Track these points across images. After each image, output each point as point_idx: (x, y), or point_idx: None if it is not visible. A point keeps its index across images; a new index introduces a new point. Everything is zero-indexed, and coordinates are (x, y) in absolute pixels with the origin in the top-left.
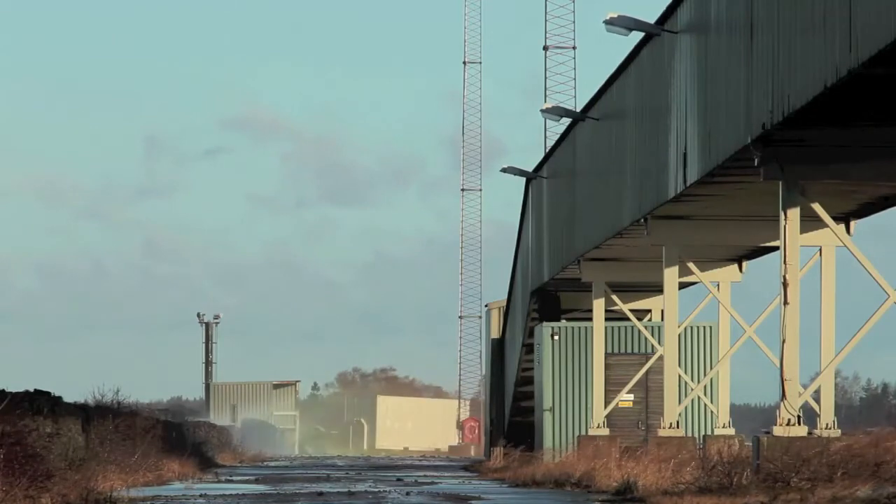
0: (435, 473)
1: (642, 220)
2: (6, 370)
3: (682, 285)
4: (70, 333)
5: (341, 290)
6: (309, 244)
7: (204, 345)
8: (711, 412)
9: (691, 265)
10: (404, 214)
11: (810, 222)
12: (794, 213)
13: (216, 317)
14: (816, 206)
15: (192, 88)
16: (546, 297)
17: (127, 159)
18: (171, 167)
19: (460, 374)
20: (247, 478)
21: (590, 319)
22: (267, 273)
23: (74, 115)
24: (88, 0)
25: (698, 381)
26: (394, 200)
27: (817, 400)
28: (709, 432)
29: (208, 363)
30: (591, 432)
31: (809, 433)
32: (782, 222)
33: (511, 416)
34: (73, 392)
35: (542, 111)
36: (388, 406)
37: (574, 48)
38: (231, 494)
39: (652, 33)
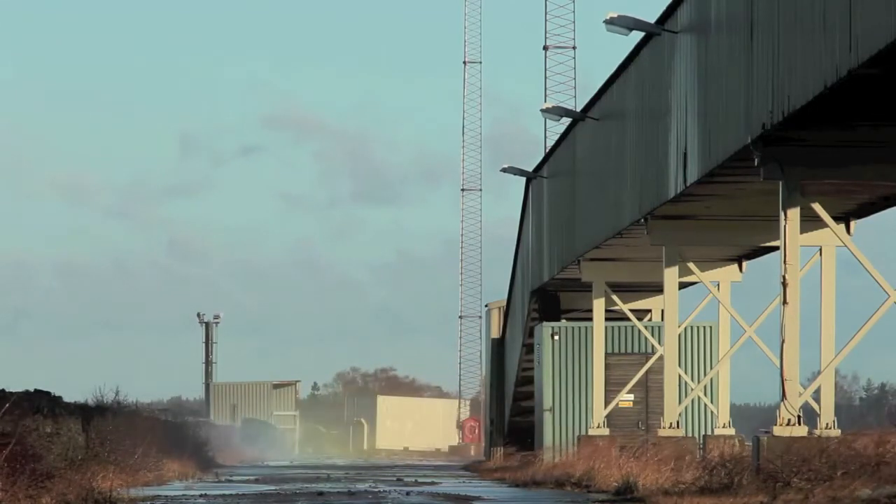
0: (435, 473)
1: (642, 220)
2: (10, 369)
3: (682, 285)
4: (77, 334)
5: (356, 290)
6: (334, 243)
7: (204, 345)
8: (711, 412)
9: (691, 265)
10: (430, 214)
11: (810, 222)
12: (794, 213)
13: (216, 317)
14: (816, 206)
15: (227, 87)
16: (546, 297)
17: (161, 158)
18: (205, 166)
19: (460, 374)
20: (247, 478)
21: (590, 319)
22: (285, 272)
23: (109, 113)
24: None
25: (698, 381)
26: (421, 200)
27: (817, 400)
28: (709, 432)
29: (208, 363)
30: (591, 432)
31: (809, 433)
32: (782, 222)
33: (511, 416)
34: (73, 392)
35: (542, 111)
36: (388, 406)
37: (574, 48)
38: (231, 494)
39: (652, 33)
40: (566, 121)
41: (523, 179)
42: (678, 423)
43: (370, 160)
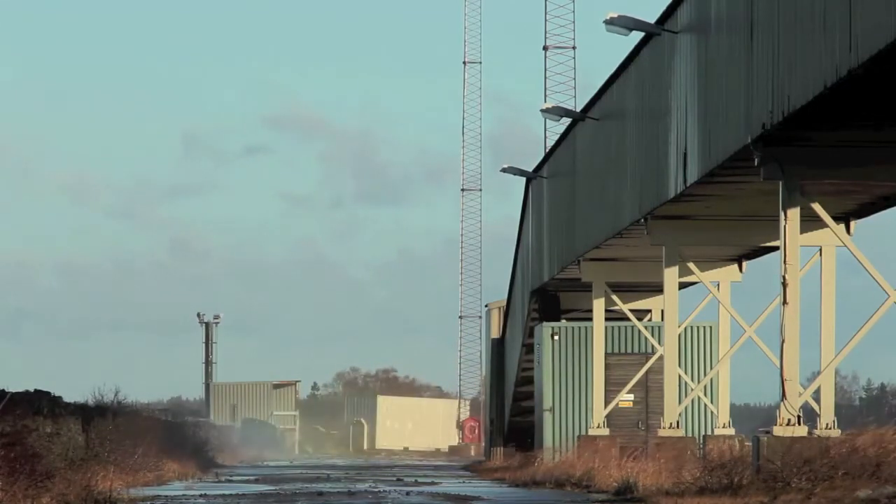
0: (435, 473)
1: (642, 220)
2: (10, 369)
3: (682, 285)
4: (77, 334)
5: (356, 290)
6: (335, 243)
7: (204, 345)
8: (711, 412)
9: (691, 265)
10: (431, 214)
11: (810, 222)
12: (794, 213)
13: (216, 317)
14: (816, 206)
15: (230, 87)
16: (546, 297)
17: (163, 158)
18: (208, 166)
19: (460, 374)
20: (247, 478)
21: (590, 319)
22: (286, 272)
23: (111, 113)
24: None
25: (698, 381)
26: (423, 200)
27: (817, 400)
28: (709, 432)
29: (208, 363)
30: (591, 432)
31: (809, 433)
32: (782, 222)
33: (511, 416)
34: (73, 392)
35: (542, 111)
36: (388, 406)
37: (574, 48)
38: (231, 494)
39: (652, 33)
40: (566, 121)
41: (523, 179)
42: (678, 423)
43: (372, 160)
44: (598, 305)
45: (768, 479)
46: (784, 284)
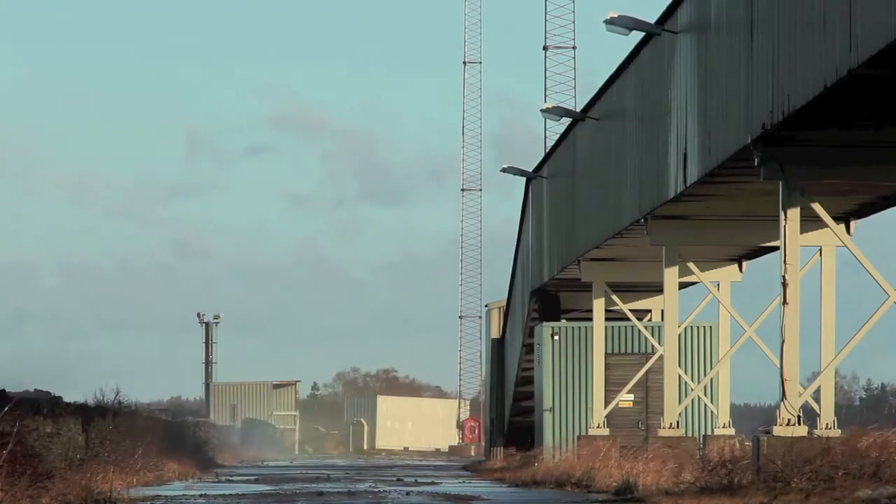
0: (435, 473)
1: (642, 220)
2: (11, 369)
3: (682, 285)
4: (77, 334)
5: (356, 290)
6: (337, 243)
7: (204, 345)
8: (711, 412)
9: (691, 265)
10: (433, 214)
11: (810, 222)
12: (794, 213)
13: (216, 317)
14: (816, 206)
15: (232, 87)
16: (546, 297)
17: (166, 158)
18: (211, 166)
19: (460, 374)
20: (247, 478)
21: (590, 319)
22: (287, 272)
23: (114, 113)
24: None
25: (698, 381)
26: (426, 200)
27: (817, 400)
28: (709, 432)
29: (208, 363)
30: (591, 432)
31: (809, 433)
32: (782, 222)
33: (511, 416)
34: (73, 392)
35: (542, 111)
36: (388, 406)
37: (574, 48)
38: (231, 494)
39: (652, 33)
40: (566, 121)
41: (524, 179)
42: (678, 423)
43: (375, 160)
44: (598, 305)
45: (768, 479)
46: (784, 284)
